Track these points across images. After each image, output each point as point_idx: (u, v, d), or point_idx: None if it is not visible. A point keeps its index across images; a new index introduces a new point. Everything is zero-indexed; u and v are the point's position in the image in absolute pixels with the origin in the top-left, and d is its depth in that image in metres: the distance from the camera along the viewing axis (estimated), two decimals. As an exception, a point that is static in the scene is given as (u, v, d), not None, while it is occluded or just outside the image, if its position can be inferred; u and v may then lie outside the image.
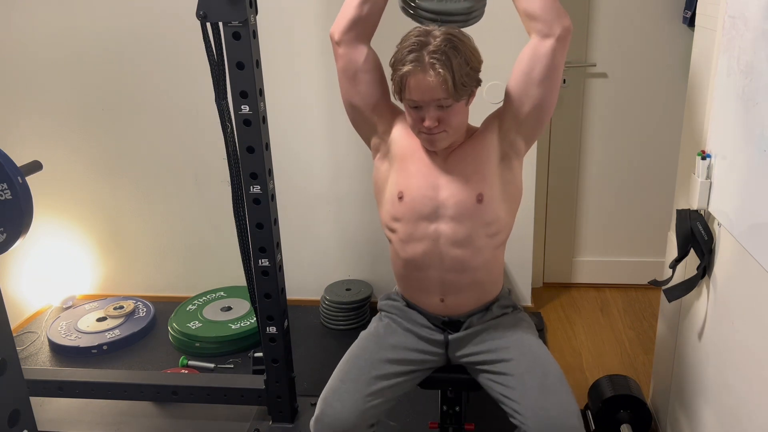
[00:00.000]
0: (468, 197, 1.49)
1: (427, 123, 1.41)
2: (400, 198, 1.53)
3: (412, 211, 1.52)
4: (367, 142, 1.63)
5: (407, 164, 1.53)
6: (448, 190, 1.50)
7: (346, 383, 1.52)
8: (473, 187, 1.49)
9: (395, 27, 1.58)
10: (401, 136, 1.56)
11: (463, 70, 1.38)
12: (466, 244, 1.52)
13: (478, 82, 1.45)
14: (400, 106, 1.55)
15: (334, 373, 1.57)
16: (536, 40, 1.42)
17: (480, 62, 1.44)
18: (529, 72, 1.43)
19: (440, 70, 1.35)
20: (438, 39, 1.37)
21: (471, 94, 1.45)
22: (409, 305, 1.66)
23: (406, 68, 1.37)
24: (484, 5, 1.53)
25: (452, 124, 1.43)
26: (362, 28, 1.50)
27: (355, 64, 1.52)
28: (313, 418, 1.51)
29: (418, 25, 1.47)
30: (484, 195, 1.49)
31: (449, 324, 1.61)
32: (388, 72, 1.51)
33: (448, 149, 1.51)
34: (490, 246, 1.55)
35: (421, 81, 1.37)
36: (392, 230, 1.59)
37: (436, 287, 1.57)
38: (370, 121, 1.58)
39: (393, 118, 1.58)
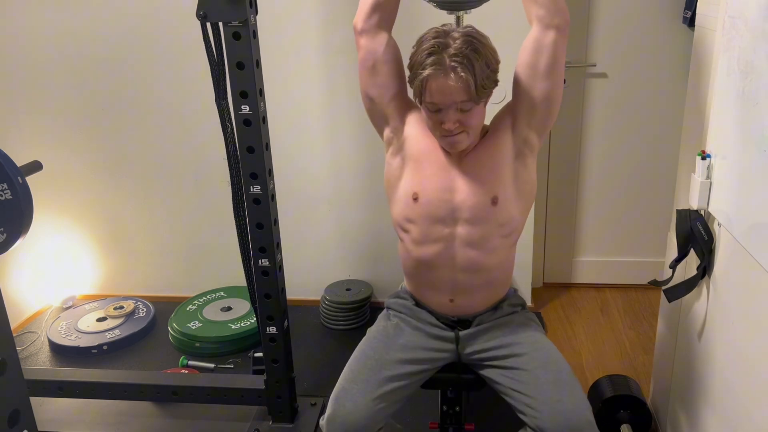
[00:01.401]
0: (483, 200, 1.49)
1: (447, 126, 1.40)
2: (415, 199, 1.53)
3: (427, 213, 1.52)
4: (381, 134, 1.62)
5: (422, 165, 1.53)
6: (464, 193, 1.50)
7: (358, 384, 1.51)
8: (488, 190, 1.49)
9: (413, 23, 1.58)
10: (416, 134, 1.55)
11: (484, 72, 1.37)
12: (481, 245, 1.52)
13: (496, 83, 1.44)
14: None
15: (343, 372, 1.57)
16: (537, 32, 1.42)
17: (498, 62, 1.43)
18: (534, 65, 1.44)
19: (462, 73, 1.34)
20: (458, 41, 1.36)
21: (489, 95, 1.45)
22: (418, 304, 1.66)
23: (427, 72, 1.36)
24: None
25: (472, 126, 1.43)
26: (383, 13, 1.50)
27: (375, 54, 1.51)
28: (325, 418, 1.51)
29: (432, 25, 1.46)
30: (499, 197, 1.50)
31: (459, 323, 1.62)
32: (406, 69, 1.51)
33: (463, 150, 1.51)
34: (504, 246, 1.56)
35: (442, 85, 1.36)
36: (405, 230, 1.59)
37: (447, 287, 1.58)
38: (385, 114, 1.57)
39: (407, 114, 1.58)
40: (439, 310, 1.62)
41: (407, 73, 1.46)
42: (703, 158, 1.53)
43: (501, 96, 1.52)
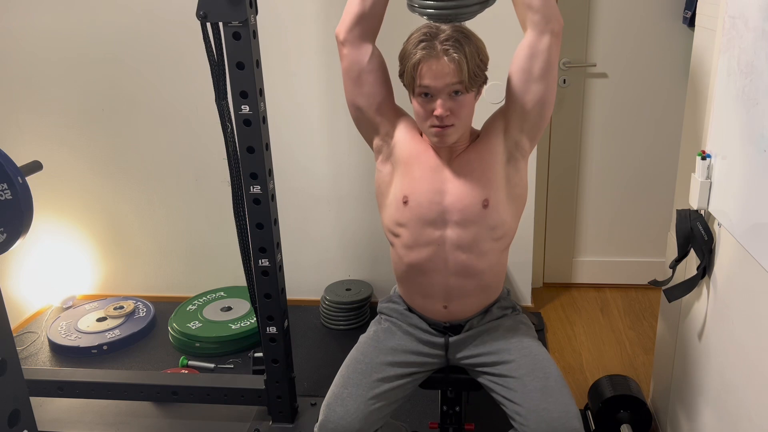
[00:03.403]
0: (474, 203, 1.49)
1: (438, 111, 1.39)
2: (405, 202, 1.52)
3: (417, 216, 1.51)
4: (370, 143, 1.61)
5: (412, 168, 1.52)
6: (454, 196, 1.49)
7: (349, 388, 1.52)
8: (479, 193, 1.49)
9: (399, 30, 1.58)
10: (405, 139, 1.54)
11: (474, 59, 1.39)
12: (472, 248, 1.51)
13: (485, 79, 1.45)
14: (406, 108, 1.55)
15: (335, 378, 1.57)
16: (533, 36, 1.43)
17: (487, 58, 1.44)
18: (528, 69, 1.44)
19: (454, 54, 1.36)
20: (448, 30, 1.39)
21: (479, 89, 1.45)
22: (410, 309, 1.66)
23: (418, 55, 1.37)
24: None
25: (462, 116, 1.43)
26: (366, 24, 1.49)
27: (360, 64, 1.51)
28: (318, 425, 1.51)
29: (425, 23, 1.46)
30: (490, 200, 1.49)
31: (450, 328, 1.61)
32: (393, 74, 1.50)
33: (453, 153, 1.51)
34: (496, 250, 1.55)
35: (433, 66, 1.37)
36: (396, 235, 1.58)
37: (440, 293, 1.56)
38: (373, 122, 1.56)
39: (396, 120, 1.57)
40: (432, 317, 1.61)
41: (398, 66, 1.45)
42: (703, 158, 1.53)
43: (500, 96, 1.52)
